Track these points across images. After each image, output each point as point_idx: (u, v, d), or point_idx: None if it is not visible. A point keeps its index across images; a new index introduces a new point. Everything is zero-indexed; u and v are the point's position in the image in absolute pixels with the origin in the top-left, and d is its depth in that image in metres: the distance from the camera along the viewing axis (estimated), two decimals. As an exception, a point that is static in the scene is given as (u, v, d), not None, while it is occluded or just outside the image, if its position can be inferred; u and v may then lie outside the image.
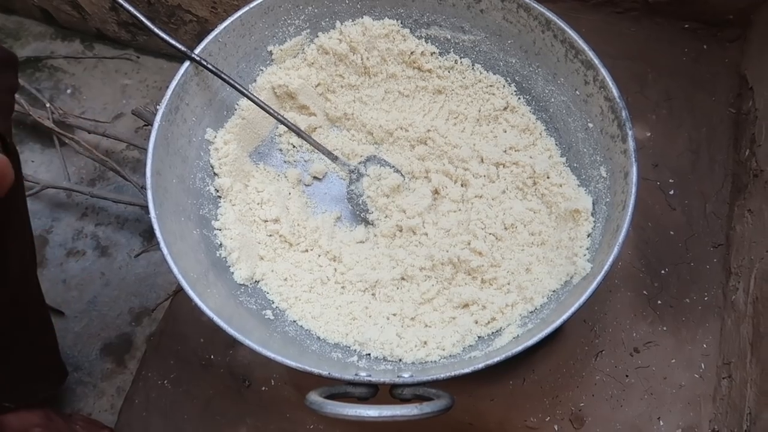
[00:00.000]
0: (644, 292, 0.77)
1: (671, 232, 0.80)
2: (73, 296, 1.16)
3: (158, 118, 0.65)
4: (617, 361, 0.73)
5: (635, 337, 0.74)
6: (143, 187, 1.12)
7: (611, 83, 0.64)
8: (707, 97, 0.88)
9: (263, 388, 0.97)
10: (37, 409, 0.97)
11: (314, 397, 0.47)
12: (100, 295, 1.17)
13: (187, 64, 0.68)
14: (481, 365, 0.52)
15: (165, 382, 0.99)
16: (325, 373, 0.51)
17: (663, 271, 0.78)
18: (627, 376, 0.73)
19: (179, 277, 0.57)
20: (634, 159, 0.61)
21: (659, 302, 0.76)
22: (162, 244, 0.58)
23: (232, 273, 0.67)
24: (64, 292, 1.16)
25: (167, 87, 0.67)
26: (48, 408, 0.99)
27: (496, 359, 0.52)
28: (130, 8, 0.67)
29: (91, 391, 1.09)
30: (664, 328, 0.75)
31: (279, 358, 0.53)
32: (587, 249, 0.63)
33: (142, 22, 0.67)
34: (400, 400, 0.52)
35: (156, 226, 0.59)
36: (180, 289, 1.06)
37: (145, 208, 1.21)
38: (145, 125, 1.30)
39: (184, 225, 0.65)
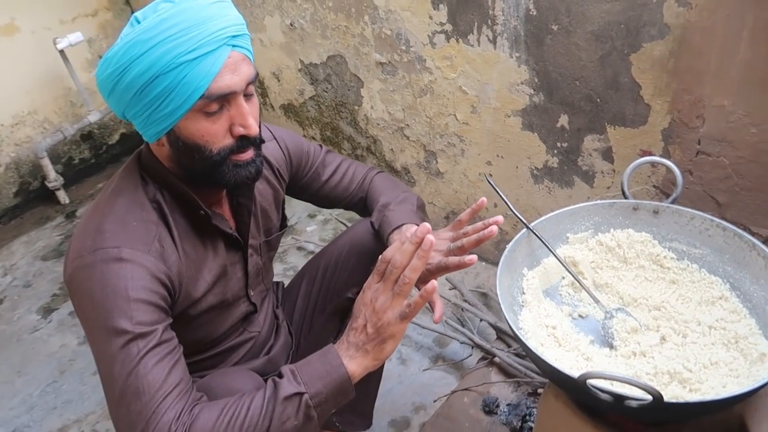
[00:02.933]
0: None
1: None
2: (377, 384, 1.68)
3: (505, 253, 1.20)
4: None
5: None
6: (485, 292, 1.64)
7: (795, 282, 1.02)
8: None
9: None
10: (347, 439, 1.44)
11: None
12: (395, 389, 1.67)
13: (524, 230, 1.25)
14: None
15: (434, 445, 1.40)
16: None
17: None
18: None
19: (511, 323, 1.05)
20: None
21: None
22: (507, 315, 1.08)
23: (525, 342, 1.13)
24: (373, 379, 1.69)
25: (513, 239, 1.23)
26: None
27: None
28: (510, 205, 1.28)
29: (375, 445, 1.54)
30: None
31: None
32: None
33: (516, 216, 1.27)
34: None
35: (504, 309, 1.09)
36: (453, 393, 1.51)
37: (438, 337, 1.74)
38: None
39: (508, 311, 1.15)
